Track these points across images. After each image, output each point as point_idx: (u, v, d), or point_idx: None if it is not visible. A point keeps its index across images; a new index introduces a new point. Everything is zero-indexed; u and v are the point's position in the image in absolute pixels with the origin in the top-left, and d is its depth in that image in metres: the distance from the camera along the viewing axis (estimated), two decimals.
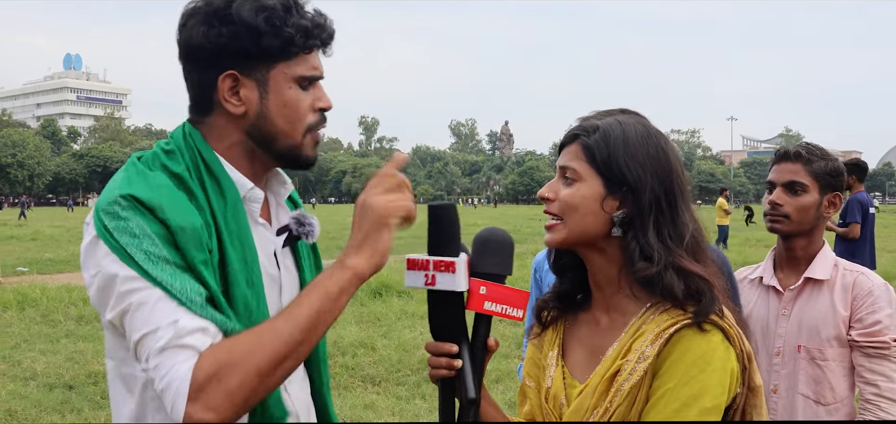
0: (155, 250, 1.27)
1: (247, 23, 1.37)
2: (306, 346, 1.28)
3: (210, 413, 1.19)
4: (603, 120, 1.42)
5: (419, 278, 1.37)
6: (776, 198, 2.36)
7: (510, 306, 1.39)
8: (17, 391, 6.36)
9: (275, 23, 1.38)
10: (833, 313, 2.30)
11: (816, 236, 2.40)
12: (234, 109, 1.42)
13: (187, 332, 1.23)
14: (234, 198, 1.42)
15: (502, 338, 8.28)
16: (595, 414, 1.35)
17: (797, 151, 2.37)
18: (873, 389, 2.24)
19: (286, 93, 1.43)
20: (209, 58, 1.41)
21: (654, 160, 1.38)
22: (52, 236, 26.33)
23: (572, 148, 1.42)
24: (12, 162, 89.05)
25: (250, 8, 1.38)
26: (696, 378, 1.29)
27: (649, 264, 1.34)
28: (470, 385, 1.36)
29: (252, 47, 1.39)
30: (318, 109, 1.48)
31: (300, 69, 1.43)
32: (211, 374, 1.20)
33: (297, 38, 1.40)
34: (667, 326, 1.32)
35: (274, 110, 1.43)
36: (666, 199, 1.37)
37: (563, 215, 1.41)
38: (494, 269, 1.39)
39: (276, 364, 1.24)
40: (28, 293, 10.56)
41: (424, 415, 5.73)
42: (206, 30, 1.39)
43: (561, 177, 1.43)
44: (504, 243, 1.41)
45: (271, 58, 1.41)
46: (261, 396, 1.26)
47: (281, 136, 1.45)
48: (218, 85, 1.41)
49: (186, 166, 1.40)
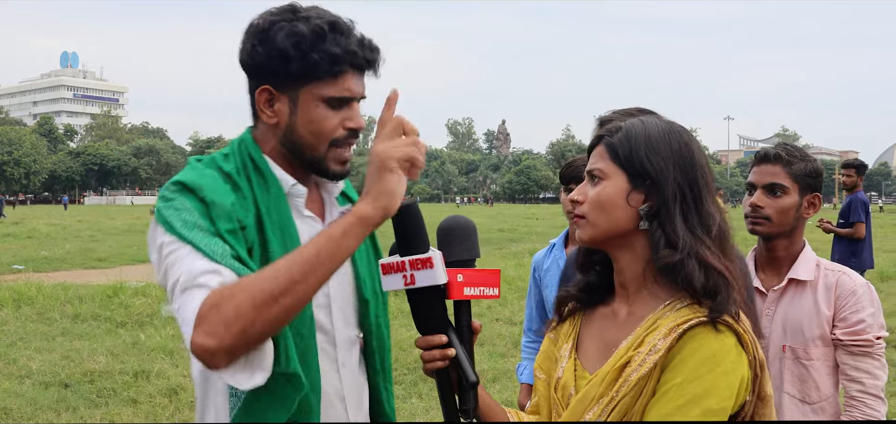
0: (191, 219, 1.43)
1: (278, 47, 1.52)
2: (305, 285, 1.33)
3: (209, 339, 1.28)
4: (626, 120, 1.46)
5: (398, 280, 1.42)
6: (757, 200, 2.38)
7: (486, 287, 1.45)
8: (12, 389, 6.34)
9: (302, 48, 1.51)
10: (817, 312, 2.32)
11: (797, 236, 2.42)
12: (267, 119, 1.59)
13: (201, 272, 1.35)
14: (277, 192, 1.58)
15: (499, 338, 8.29)
16: (600, 403, 1.35)
17: (777, 153, 2.39)
18: (858, 386, 2.27)
19: (313, 111, 1.56)
20: (251, 72, 1.59)
21: (676, 154, 1.41)
22: (47, 234, 26.31)
23: (598, 150, 1.47)
24: (8, 160, 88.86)
25: (284, 33, 1.52)
26: (703, 377, 1.28)
27: (673, 251, 1.36)
28: (468, 369, 1.41)
29: (281, 69, 1.53)
30: (347, 128, 1.59)
31: (328, 90, 1.55)
32: (212, 304, 1.30)
33: (323, 64, 1.52)
34: (681, 321, 1.33)
35: (301, 125, 1.57)
36: (690, 190, 1.40)
37: (590, 214, 1.44)
38: (465, 255, 1.44)
39: (273, 297, 1.30)
40: (24, 291, 10.53)
41: (421, 414, 5.73)
42: (251, 48, 1.56)
43: (589, 179, 1.47)
44: (468, 228, 1.47)
45: (300, 79, 1.54)
46: (260, 327, 1.30)
47: (306, 148, 1.59)
48: (256, 97, 1.59)
49: (236, 165, 1.58)
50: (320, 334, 1.61)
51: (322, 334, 1.62)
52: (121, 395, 6.20)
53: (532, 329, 3.47)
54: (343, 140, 1.59)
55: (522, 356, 3.56)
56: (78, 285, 11.50)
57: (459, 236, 1.45)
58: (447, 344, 1.42)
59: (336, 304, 1.66)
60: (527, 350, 3.52)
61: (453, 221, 1.47)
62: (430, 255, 1.39)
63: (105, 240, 23.79)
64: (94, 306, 9.82)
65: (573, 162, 3.03)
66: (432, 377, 1.46)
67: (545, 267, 3.30)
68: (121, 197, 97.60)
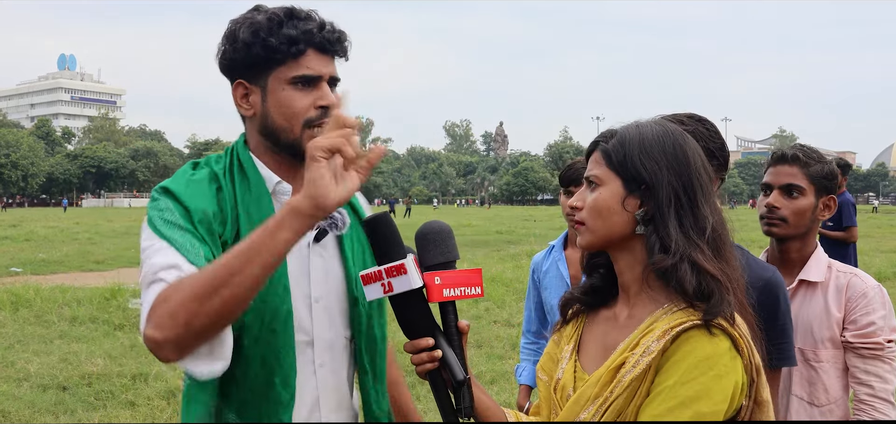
0: (171, 219, 1.52)
1: (241, 40, 1.61)
2: (242, 276, 1.33)
3: (157, 331, 1.34)
4: (621, 126, 1.49)
5: (377, 289, 1.45)
6: (774, 201, 2.36)
7: (467, 286, 1.47)
8: (10, 392, 6.32)
9: (261, 35, 1.60)
10: (827, 314, 2.30)
11: (810, 238, 2.40)
12: (244, 112, 1.68)
13: (161, 268, 1.42)
14: (259, 191, 1.65)
15: (497, 339, 8.28)
16: (595, 404, 1.36)
17: (794, 154, 2.37)
18: (867, 390, 2.24)
19: (280, 93, 1.63)
20: (227, 73, 1.68)
21: (670, 156, 1.42)
22: (45, 236, 26.26)
23: (594, 156, 1.49)
24: (6, 162, 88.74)
25: (245, 27, 1.62)
26: (696, 380, 1.28)
27: (666, 255, 1.37)
28: (456, 368, 1.44)
29: (248, 60, 1.62)
30: (318, 106, 1.63)
31: (292, 72, 1.62)
32: (162, 298, 1.36)
33: (282, 46, 1.59)
34: (675, 324, 1.33)
35: (273, 110, 1.64)
36: (685, 193, 1.40)
37: (588, 220, 1.46)
38: (441, 258, 1.47)
39: (213, 288, 1.33)
40: (21, 293, 10.52)
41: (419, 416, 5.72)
42: (223, 50, 1.66)
43: (587, 185, 1.49)
44: (442, 231, 1.49)
45: (265, 66, 1.62)
46: (204, 319, 1.33)
47: (281, 131, 1.64)
48: (234, 95, 1.68)
49: (224, 165, 1.67)
50: (299, 333, 1.63)
51: (301, 333, 1.64)
52: (119, 398, 6.19)
53: (531, 331, 3.47)
54: (317, 119, 1.63)
55: (521, 358, 3.56)
56: (76, 287, 11.50)
57: (434, 240, 1.47)
58: (434, 346, 1.45)
59: (321, 304, 1.68)
60: (525, 352, 3.52)
61: (427, 227, 1.49)
62: (402, 261, 1.42)
63: (103, 242, 23.75)
64: (92, 308, 9.81)
65: (573, 165, 3.04)
66: (426, 379, 1.48)
67: (544, 269, 3.30)
68: (118, 199, 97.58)
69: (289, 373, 1.59)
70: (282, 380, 1.58)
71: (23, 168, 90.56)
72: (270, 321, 1.57)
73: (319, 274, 1.68)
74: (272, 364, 1.58)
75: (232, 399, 1.59)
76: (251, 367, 1.58)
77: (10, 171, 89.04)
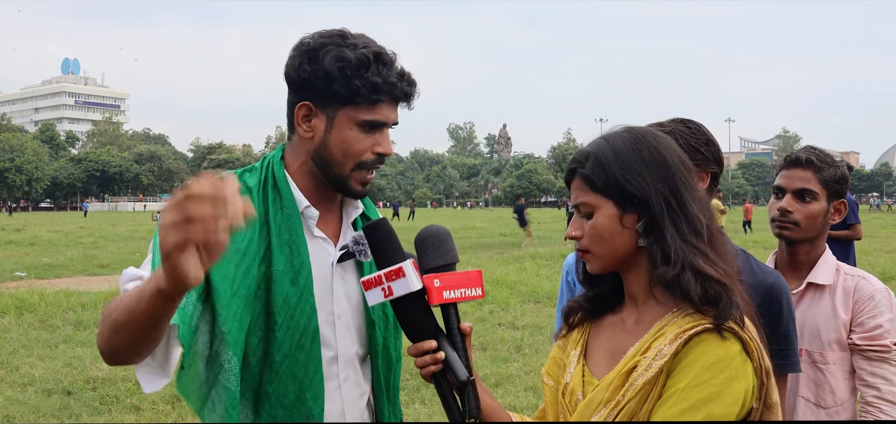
0: None
1: (324, 68, 1.60)
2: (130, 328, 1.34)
3: (98, 339, 1.45)
4: (591, 145, 1.47)
5: (378, 294, 1.48)
6: (787, 205, 2.36)
7: (467, 288, 1.49)
8: (15, 396, 6.34)
9: (347, 73, 1.59)
10: (834, 317, 2.30)
11: (820, 241, 2.40)
12: (303, 133, 1.67)
13: (129, 279, 1.49)
14: (291, 211, 1.66)
15: (501, 342, 8.28)
16: (607, 407, 1.36)
17: (808, 158, 2.36)
18: (874, 392, 2.24)
19: (347, 132, 1.64)
20: (294, 87, 1.67)
21: (650, 164, 1.41)
22: (50, 240, 26.32)
23: (575, 183, 1.48)
24: (10, 167, 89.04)
25: (332, 56, 1.59)
26: (708, 383, 1.29)
27: (668, 266, 1.37)
28: (460, 369, 1.45)
29: (325, 89, 1.61)
30: (376, 152, 1.66)
31: (365, 115, 1.63)
32: (106, 311, 1.43)
33: (363, 91, 1.60)
34: (687, 327, 1.33)
35: (333, 143, 1.65)
36: (673, 196, 1.40)
37: (592, 247, 1.46)
38: (440, 261, 1.48)
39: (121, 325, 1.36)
40: (26, 298, 10.55)
41: (424, 419, 5.73)
42: (298, 64, 1.63)
43: (579, 214, 1.48)
44: (440, 235, 1.51)
45: (340, 101, 1.62)
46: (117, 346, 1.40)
47: (334, 165, 1.66)
48: (295, 111, 1.66)
49: (258, 181, 1.67)
50: (325, 348, 1.66)
51: (327, 348, 1.67)
52: (123, 402, 6.20)
53: None
54: (370, 164, 1.67)
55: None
56: (80, 292, 11.51)
57: (432, 244, 1.49)
58: (437, 348, 1.46)
59: (343, 321, 1.70)
60: None
61: (426, 231, 1.51)
62: (400, 265, 1.45)
63: (107, 246, 23.79)
64: (97, 313, 9.82)
65: None
66: (431, 382, 1.49)
67: None
68: (123, 203, 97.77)
69: (318, 388, 1.62)
70: (313, 395, 1.62)
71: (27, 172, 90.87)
72: (300, 337, 1.61)
73: (341, 293, 1.71)
74: (302, 379, 1.61)
75: (262, 415, 1.61)
76: (282, 382, 1.60)
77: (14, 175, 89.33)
